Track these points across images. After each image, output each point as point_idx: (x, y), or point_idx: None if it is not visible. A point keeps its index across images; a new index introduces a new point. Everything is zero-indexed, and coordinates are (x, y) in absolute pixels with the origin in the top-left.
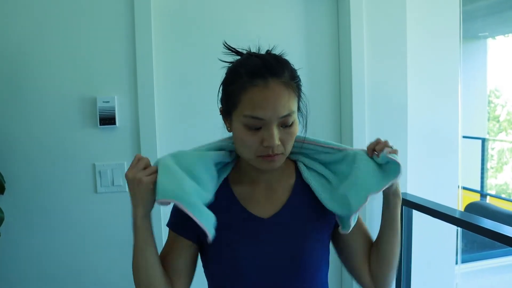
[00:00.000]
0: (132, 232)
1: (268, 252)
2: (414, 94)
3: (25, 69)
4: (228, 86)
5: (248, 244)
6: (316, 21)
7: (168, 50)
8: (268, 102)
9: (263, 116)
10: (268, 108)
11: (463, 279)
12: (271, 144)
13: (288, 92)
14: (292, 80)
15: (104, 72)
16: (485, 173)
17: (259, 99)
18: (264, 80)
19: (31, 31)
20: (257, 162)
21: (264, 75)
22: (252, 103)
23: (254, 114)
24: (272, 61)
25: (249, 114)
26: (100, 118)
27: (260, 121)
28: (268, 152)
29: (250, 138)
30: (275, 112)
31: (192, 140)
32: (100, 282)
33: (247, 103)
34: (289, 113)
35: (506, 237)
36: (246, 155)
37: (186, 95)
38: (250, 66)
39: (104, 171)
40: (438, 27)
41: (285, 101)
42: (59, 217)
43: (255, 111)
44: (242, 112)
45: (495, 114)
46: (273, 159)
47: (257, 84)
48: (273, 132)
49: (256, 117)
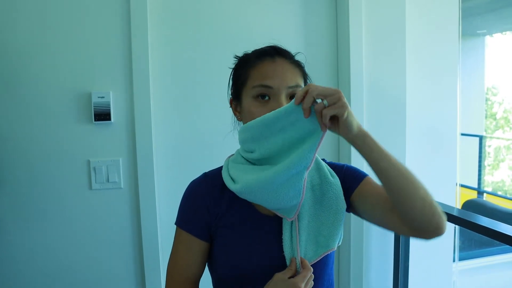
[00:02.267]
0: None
1: (276, 250)
2: (413, 92)
3: (19, 64)
4: (237, 71)
5: (254, 239)
6: (314, 17)
7: (164, 45)
8: (275, 72)
9: (271, 84)
10: (275, 77)
11: (460, 276)
12: None
13: (294, 70)
14: (298, 64)
15: (99, 67)
16: (482, 171)
17: (267, 70)
18: (272, 57)
19: (26, 27)
20: None
21: (272, 54)
22: (261, 74)
23: (263, 83)
24: (279, 47)
25: (258, 83)
26: (95, 113)
27: (269, 90)
28: None
29: (259, 109)
30: (282, 81)
31: (188, 136)
32: (94, 278)
33: (256, 75)
34: (296, 84)
35: (503, 234)
36: None
37: (182, 91)
38: (259, 50)
39: (99, 168)
40: (437, 24)
41: (292, 74)
42: (53, 213)
43: (264, 80)
44: (251, 84)
45: (492, 112)
46: None
47: (265, 60)
48: (282, 102)
49: (265, 85)
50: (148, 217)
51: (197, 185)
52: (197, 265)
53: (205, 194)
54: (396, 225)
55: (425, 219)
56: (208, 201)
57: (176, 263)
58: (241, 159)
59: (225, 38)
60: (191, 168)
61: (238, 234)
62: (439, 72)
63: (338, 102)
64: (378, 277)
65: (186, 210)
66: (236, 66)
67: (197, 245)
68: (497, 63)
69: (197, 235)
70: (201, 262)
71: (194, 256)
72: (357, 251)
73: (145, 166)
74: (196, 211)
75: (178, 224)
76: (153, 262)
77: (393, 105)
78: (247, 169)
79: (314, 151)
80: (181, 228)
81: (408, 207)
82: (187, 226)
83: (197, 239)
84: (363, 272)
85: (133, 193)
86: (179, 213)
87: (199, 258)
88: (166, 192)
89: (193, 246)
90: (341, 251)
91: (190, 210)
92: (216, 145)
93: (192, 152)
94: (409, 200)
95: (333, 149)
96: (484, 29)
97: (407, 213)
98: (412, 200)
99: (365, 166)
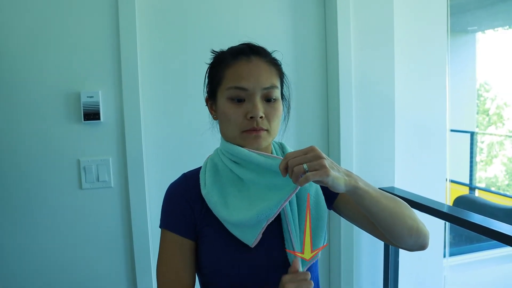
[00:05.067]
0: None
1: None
2: (402, 88)
3: (7, 63)
4: (212, 69)
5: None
6: (302, 15)
7: (153, 44)
8: (250, 73)
9: (246, 86)
10: (250, 78)
11: (451, 271)
12: (255, 114)
13: (270, 69)
14: (274, 62)
15: (88, 66)
16: (474, 167)
17: (242, 71)
18: (247, 57)
19: (13, 25)
20: (242, 139)
21: (247, 54)
22: (236, 75)
23: (238, 85)
24: (255, 45)
25: (232, 85)
26: (84, 113)
27: (243, 92)
28: (253, 125)
29: (234, 111)
30: (258, 83)
31: (178, 135)
32: (85, 278)
33: (231, 76)
34: (271, 85)
35: (493, 231)
36: (231, 133)
37: (171, 90)
38: (234, 49)
39: (89, 167)
40: (426, 20)
41: (268, 75)
42: (43, 213)
43: (239, 82)
44: (226, 85)
45: (484, 108)
46: (258, 134)
47: (241, 59)
48: (256, 103)
49: (240, 87)
50: (139, 216)
51: (177, 185)
52: (190, 267)
53: (187, 193)
54: (381, 238)
55: (411, 242)
56: (191, 200)
57: (167, 267)
58: (223, 164)
59: (214, 37)
60: (181, 166)
61: (222, 234)
62: (428, 68)
63: (320, 169)
64: (368, 273)
65: (170, 211)
66: (212, 64)
67: (187, 244)
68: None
69: (185, 235)
70: (193, 263)
71: (186, 258)
72: (348, 248)
73: (135, 165)
74: (180, 211)
75: (164, 226)
76: (143, 261)
77: (382, 102)
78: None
79: (280, 205)
80: (167, 229)
81: (395, 235)
82: (173, 226)
83: (186, 238)
84: (353, 268)
85: (123, 192)
86: (163, 215)
87: (191, 258)
88: (156, 191)
89: (182, 246)
90: (332, 248)
91: (174, 211)
92: (206, 144)
93: (182, 150)
94: (397, 231)
95: (322, 149)
96: (475, 25)
97: (394, 239)
98: (399, 231)
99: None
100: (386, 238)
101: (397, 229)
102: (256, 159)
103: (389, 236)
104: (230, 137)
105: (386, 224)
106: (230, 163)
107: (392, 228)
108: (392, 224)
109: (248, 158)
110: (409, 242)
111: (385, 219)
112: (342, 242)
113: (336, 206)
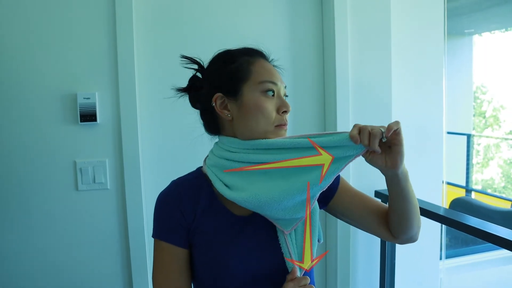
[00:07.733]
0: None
1: (252, 248)
2: (398, 91)
3: (3, 65)
4: (228, 65)
5: (234, 244)
6: (300, 17)
7: (150, 46)
8: (272, 70)
9: (276, 81)
10: (275, 75)
11: (447, 274)
12: (288, 108)
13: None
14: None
15: (85, 68)
16: (471, 169)
17: (268, 68)
18: (263, 57)
19: (10, 27)
20: (274, 133)
21: (262, 55)
22: (264, 70)
23: (271, 79)
24: (258, 49)
25: (267, 79)
26: (80, 114)
27: (275, 86)
28: (283, 120)
29: (269, 105)
30: (280, 80)
31: (174, 136)
32: (81, 279)
33: (261, 71)
34: (285, 85)
35: (489, 234)
36: (263, 127)
37: (168, 91)
38: (244, 49)
39: (85, 169)
40: (423, 23)
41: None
42: (39, 215)
43: (270, 77)
44: (258, 79)
45: (481, 110)
46: (286, 129)
47: (261, 58)
48: (284, 99)
49: (273, 82)
50: (135, 217)
51: (167, 194)
52: (186, 275)
53: (178, 201)
54: (382, 235)
55: (411, 234)
56: (182, 208)
57: (163, 276)
58: (226, 162)
59: (211, 39)
60: (178, 168)
61: (216, 241)
62: (425, 71)
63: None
64: (364, 275)
65: (162, 221)
66: (226, 61)
67: (181, 253)
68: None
69: (178, 244)
70: (188, 271)
71: (181, 266)
72: (344, 250)
73: (131, 167)
74: (171, 220)
75: (157, 237)
76: (140, 262)
77: (379, 104)
78: (252, 178)
79: (335, 174)
80: (160, 239)
81: (408, 224)
82: (166, 236)
83: (179, 248)
84: (350, 270)
85: (120, 194)
86: (156, 225)
87: (186, 266)
88: (153, 193)
89: (177, 256)
90: (328, 249)
91: (166, 220)
92: (202, 146)
93: (179, 152)
94: (411, 221)
95: None
96: (472, 28)
97: (403, 228)
98: (414, 221)
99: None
100: (385, 234)
101: (414, 218)
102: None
103: (401, 225)
104: (260, 132)
105: (408, 211)
106: (252, 156)
107: (411, 216)
108: (414, 212)
109: (282, 144)
110: (411, 233)
111: (411, 206)
112: (339, 244)
113: (333, 204)
